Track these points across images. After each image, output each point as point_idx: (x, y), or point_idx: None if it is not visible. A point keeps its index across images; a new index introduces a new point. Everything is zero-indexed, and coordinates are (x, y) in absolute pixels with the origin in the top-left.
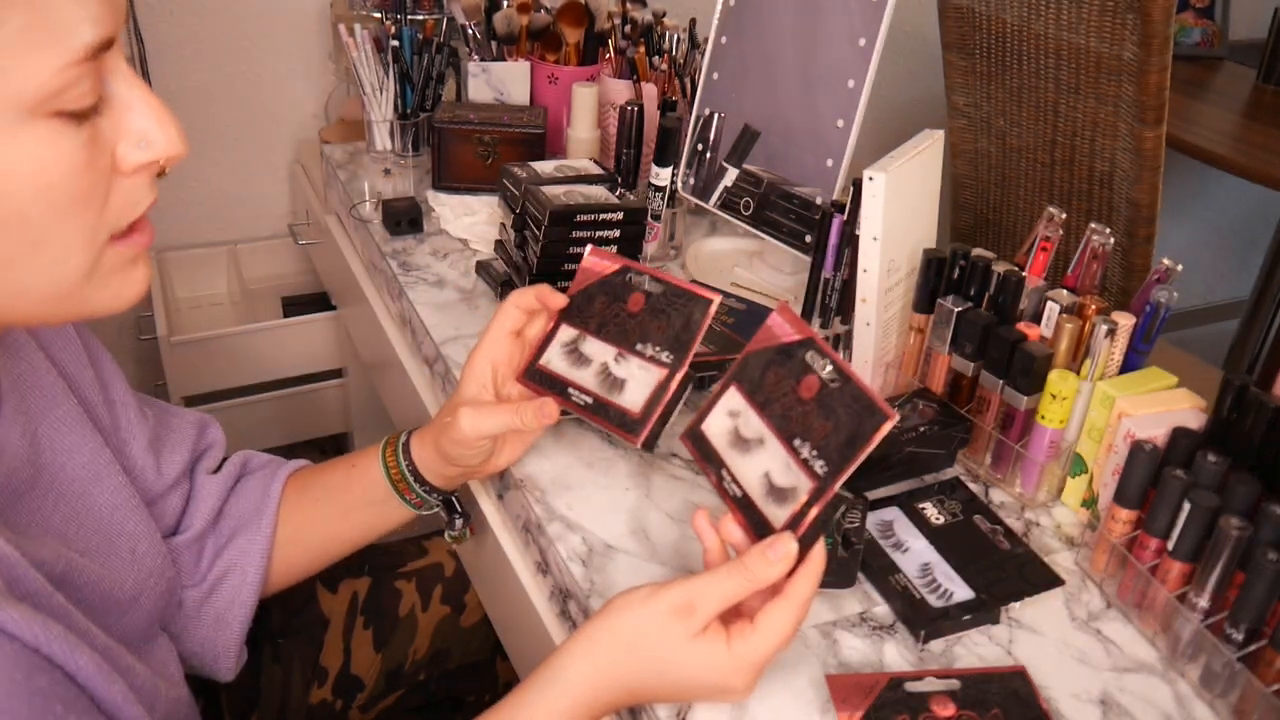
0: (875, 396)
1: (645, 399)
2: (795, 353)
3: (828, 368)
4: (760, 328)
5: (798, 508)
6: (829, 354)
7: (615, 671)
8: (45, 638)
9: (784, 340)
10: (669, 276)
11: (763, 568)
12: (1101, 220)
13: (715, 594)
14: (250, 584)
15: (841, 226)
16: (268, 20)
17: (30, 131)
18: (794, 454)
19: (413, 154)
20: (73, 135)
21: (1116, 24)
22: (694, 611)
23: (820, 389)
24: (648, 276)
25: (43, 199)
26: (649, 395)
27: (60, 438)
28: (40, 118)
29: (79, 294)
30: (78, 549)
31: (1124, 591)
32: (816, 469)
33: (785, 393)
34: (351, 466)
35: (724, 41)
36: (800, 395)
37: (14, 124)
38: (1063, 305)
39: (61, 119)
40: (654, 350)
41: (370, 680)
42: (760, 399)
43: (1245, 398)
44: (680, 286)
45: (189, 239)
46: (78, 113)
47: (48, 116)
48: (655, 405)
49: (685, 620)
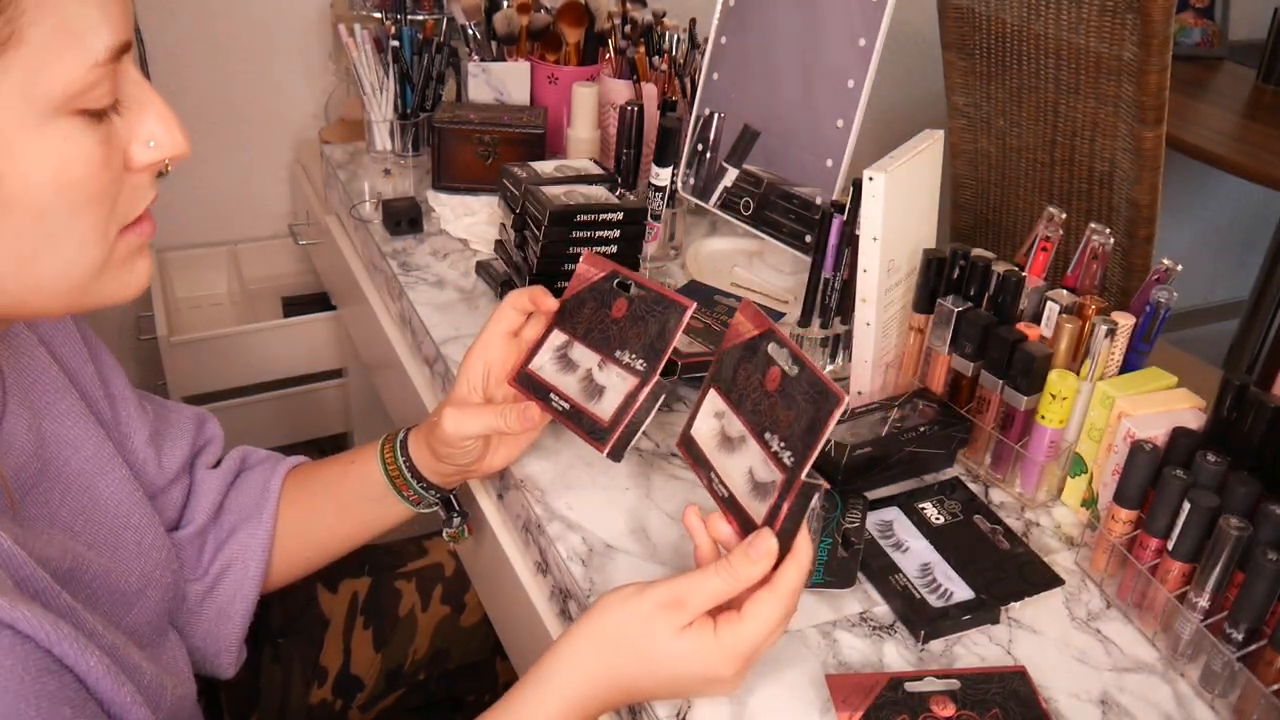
0: (826, 379)
1: (615, 407)
2: (759, 346)
3: (786, 356)
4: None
5: (773, 501)
6: (786, 342)
7: (604, 669)
8: (56, 637)
9: (747, 336)
10: (648, 281)
11: (746, 566)
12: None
13: (702, 592)
14: (252, 578)
15: (841, 226)
16: (268, 20)
17: (55, 129)
18: (766, 448)
19: (413, 154)
20: (92, 133)
21: (1116, 24)
22: (683, 608)
23: (782, 379)
24: (631, 281)
25: (64, 195)
26: (619, 404)
27: (64, 431)
28: (64, 116)
29: (91, 286)
30: (85, 542)
31: (1124, 591)
32: (785, 460)
33: (754, 388)
34: (350, 463)
35: (724, 41)
36: (766, 388)
37: (41, 122)
38: (1063, 305)
39: (82, 117)
40: (630, 358)
41: (370, 680)
42: (735, 397)
43: (1245, 398)
44: (658, 292)
45: (189, 239)
46: (97, 112)
47: (70, 115)
48: (623, 414)
49: (673, 616)
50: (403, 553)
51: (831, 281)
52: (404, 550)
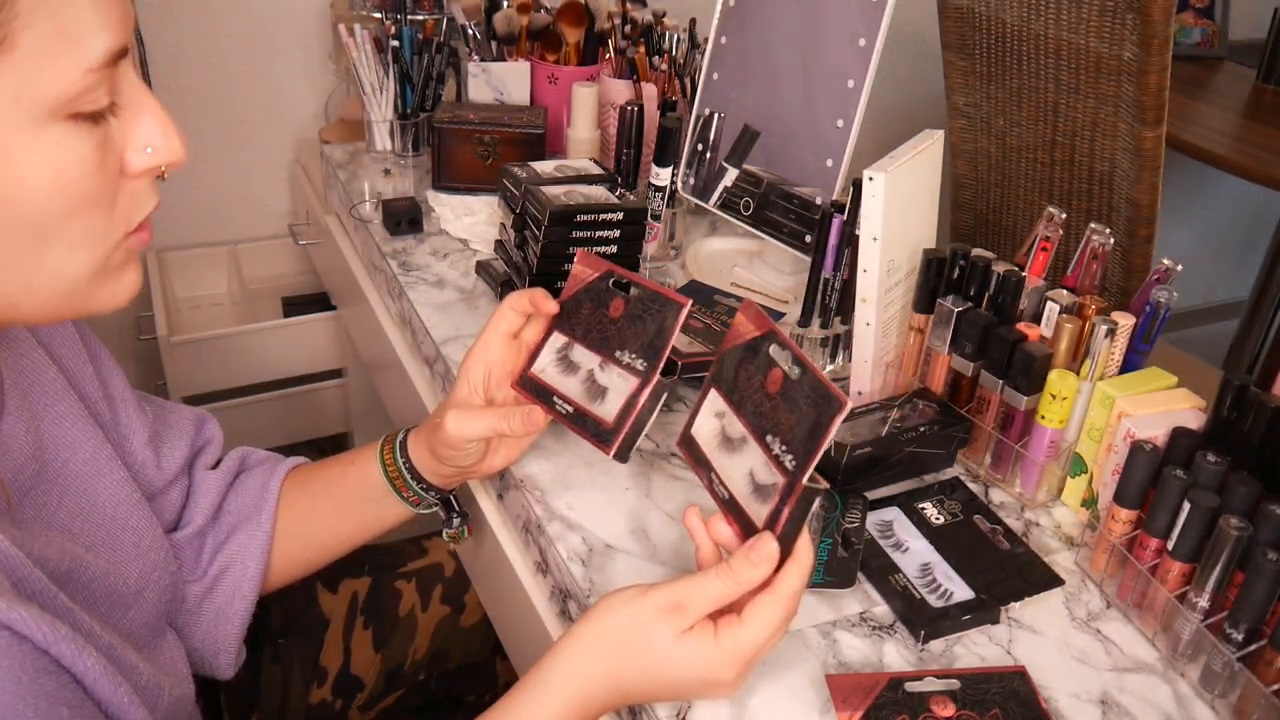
0: (829, 384)
1: (619, 408)
2: (760, 347)
3: (788, 358)
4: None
5: (774, 505)
6: (788, 344)
7: (604, 671)
8: (53, 638)
9: (748, 337)
10: (644, 280)
11: (747, 570)
12: (1101, 220)
13: (703, 596)
14: (250, 579)
15: (841, 226)
16: (268, 20)
17: (50, 133)
18: (767, 450)
19: (413, 154)
20: (87, 137)
21: (1116, 24)
22: (683, 611)
23: (784, 382)
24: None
25: (58, 198)
26: (622, 404)
27: (62, 433)
28: (58, 120)
29: (83, 292)
30: (83, 544)
31: (1124, 591)
32: (787, 464)
33: (755, 389)
34: (350, 464)
35: (724, 41)
36: (768, 390)
37: (36, 126)
38: (1063, 305)
39: (78, 121)
40: (630, 358)
41: (370, 680)
42: (736, 398)
43: (1245, 398)
44: (653, 290)
45: (189, 239)
46: (93, 115)
47: (65, 119)
48: (627, 415)
49: (674, 620)
50: (403, 553)
51: (831, 281)
52: (404, 550)
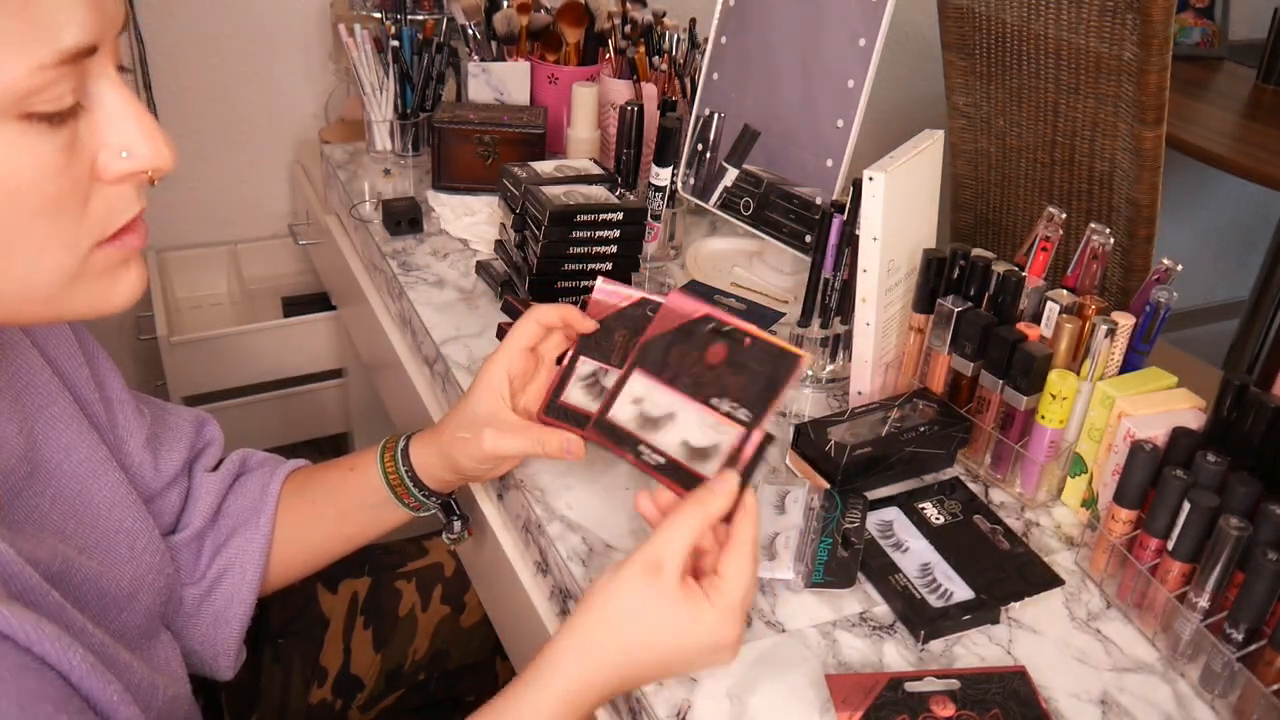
0: (784, 344)
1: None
2: (695, 330)
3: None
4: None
5: (730, 449)
6: (729, 322)
7: (606, 655)
8: (37, 636)
9: (682, 321)
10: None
11: (713, 499)
12: (1101, 220)
13: (675, 539)
14: (249, 582)
15: (841, 226)
16: (268, 20)
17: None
18: (713, 410)
19: (413, 154)
20: (46, 138)
21: (1116, 24)
22: (662, 565)
23: (729, 353)
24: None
25: (14, 201)
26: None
27: (56, 435)
28: (10, 119)
29: (59, 297)
30: (75, 545)
31: (1124, 591)
32: (740, 416)
33: (692, 363)
34: (350, 469)
35: (724, 41)
36: (709, 362)
37: None
38: (1063, 305)
39: (33, 121)
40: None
41: (370, 680)
42: (668, 375)
43: (1245, 398)
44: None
45: (189, 239)
46: (52, 115)
47: (18, 118)
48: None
49: (658, 577)
50: (403, 553)
51: (831, 281)
52: (404, 550)
